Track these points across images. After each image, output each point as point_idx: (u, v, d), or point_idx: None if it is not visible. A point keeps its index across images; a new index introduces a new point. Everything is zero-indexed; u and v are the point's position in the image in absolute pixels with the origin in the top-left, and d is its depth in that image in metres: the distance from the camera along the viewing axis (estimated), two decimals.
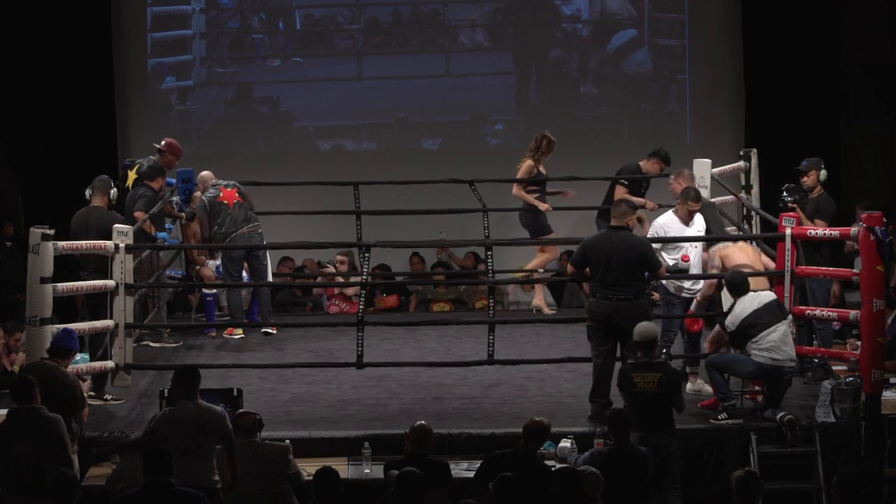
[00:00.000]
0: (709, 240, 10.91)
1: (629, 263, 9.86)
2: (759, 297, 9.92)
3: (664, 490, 8.98)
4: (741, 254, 10.62)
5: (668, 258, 10.70)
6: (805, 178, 11.41)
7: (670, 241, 10.76)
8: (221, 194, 12.31)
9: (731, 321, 9.96)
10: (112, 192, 11.43)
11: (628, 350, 9.68)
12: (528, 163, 12.70)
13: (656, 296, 11.09)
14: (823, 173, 11.39)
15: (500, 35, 16.20)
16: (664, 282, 10.71)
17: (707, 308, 10.75)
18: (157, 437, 8.29)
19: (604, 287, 9.89)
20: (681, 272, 10.76)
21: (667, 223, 10.84)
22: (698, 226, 10.93)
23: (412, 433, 8.62)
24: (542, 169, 12.75)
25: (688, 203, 10.80)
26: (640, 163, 12.81)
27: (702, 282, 10.73)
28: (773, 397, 9.94)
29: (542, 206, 12.70)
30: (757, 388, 10.27)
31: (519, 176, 12.70)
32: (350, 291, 13.70)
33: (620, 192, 12.36)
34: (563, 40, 16.12)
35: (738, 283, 10.03)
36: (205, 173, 12.61)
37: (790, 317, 10.11)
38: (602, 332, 9.92)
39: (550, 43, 16.11)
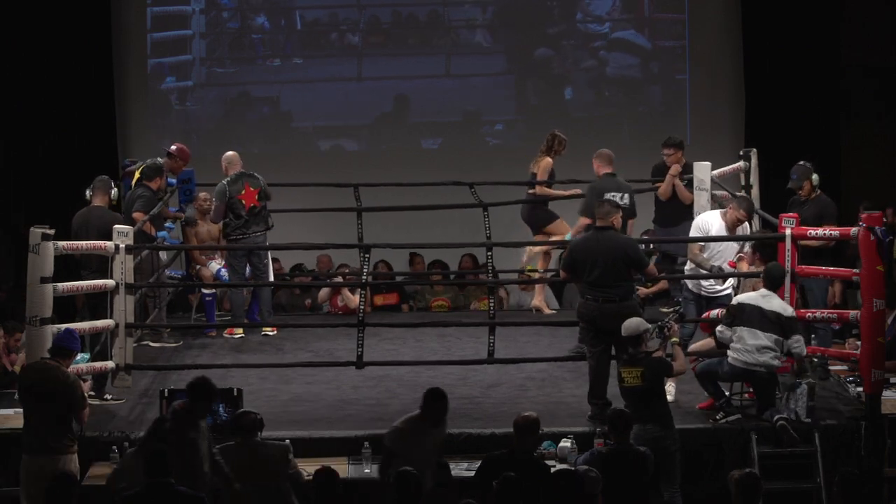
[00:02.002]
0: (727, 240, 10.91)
1: (615, 263, 9.84)
2: (766, 299, 9.81)
3: (663, 486, 8.99)
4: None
5: (709, 258, 10.68)
6: (800, 192, 11.34)
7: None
8: (243, 192, 12.30)
9: (737, 296, 10.04)
10: (112, 191, 11.43)
11: (620, 350, 9.63)
12: (548, 160, 12.67)
13: (642, 291, 11.06)
14: (815, 177, 11.33)
15: (500, 36, 16.20)
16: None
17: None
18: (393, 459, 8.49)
19: (591, 288, 9.89)
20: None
21: (709, 222, 10.81)
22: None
23: None
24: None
25: (740, 211, 10.74)
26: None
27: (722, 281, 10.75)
28: (761, 399, 9.92)
29: (566, 193, 12.68)
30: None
31: (539, 175, 12.68)
32: (352, 304, 13.45)
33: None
34: (563, 41, 16.11)
35: (776, 275, 10.00)
36: (231, 154, 12.58)
37: (797, 352, 9.81)
38: (593, 333, 9.92)
39: (550, 43, 16.11)
